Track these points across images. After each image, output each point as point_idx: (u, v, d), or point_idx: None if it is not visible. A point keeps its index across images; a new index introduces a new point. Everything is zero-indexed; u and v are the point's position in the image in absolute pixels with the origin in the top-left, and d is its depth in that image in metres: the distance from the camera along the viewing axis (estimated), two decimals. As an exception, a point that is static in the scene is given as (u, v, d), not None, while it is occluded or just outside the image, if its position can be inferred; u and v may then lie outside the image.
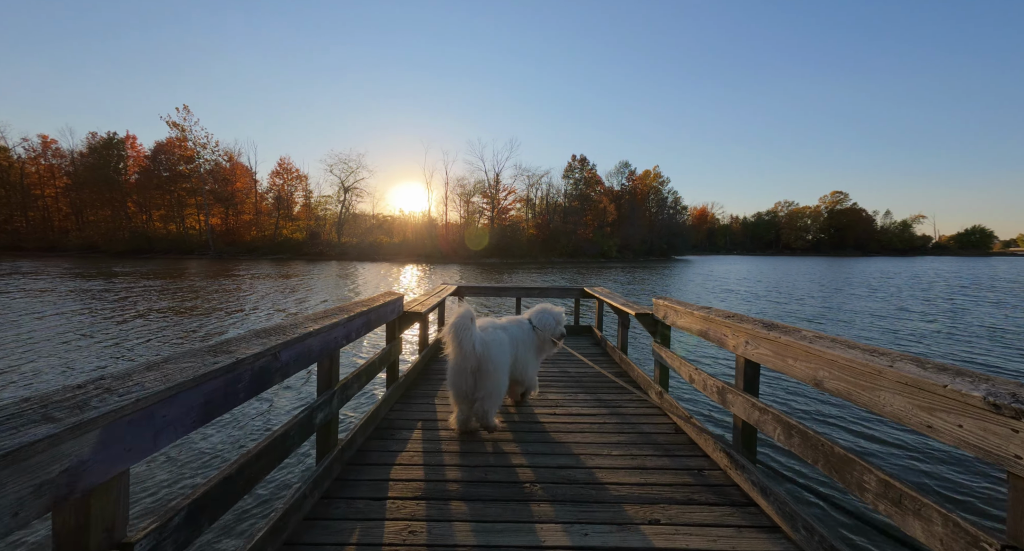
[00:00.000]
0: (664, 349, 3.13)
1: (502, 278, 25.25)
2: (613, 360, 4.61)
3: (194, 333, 8.69)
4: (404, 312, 3.39)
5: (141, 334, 8.40)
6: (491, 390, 2.57)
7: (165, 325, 9.30)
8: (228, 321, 10.07)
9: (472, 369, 2.52)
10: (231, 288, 16.82)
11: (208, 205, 52.26)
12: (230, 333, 8.81)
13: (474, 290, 6.20)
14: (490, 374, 2.54)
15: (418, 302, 3.95)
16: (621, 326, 4.54)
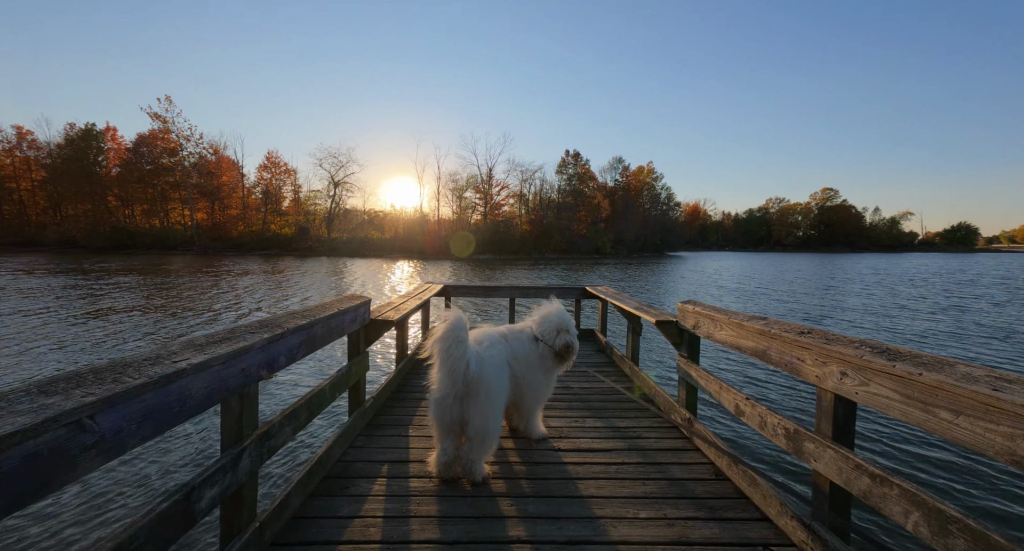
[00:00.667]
0: (694, 367, 2.52)
1: (495, 275, 24.62)
2: (622, 372, 4.00)
3: (150, 336, 7.94)
4: (372, 320, 2.74)
5: (87, 339, 7.63)
6: (480, 428, 1.99)
7: (119, 329, 8.53)
8: (193, 321, 9.32)
9: (459, 395, 1.96)
10: (207, 285, 15.96)
11: (193, 199, 50.74)
12: (197, 333, 8.08)
13: (462, 290, 5.55)
14: (481, 405, 1.98)
15: (392, 306, 3.29)
16: (631, 332, 3.93)
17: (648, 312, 3.16)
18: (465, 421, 1.98)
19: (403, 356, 3.89)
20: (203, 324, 9.00)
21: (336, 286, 17.00)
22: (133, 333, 7.98)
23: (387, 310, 3.09)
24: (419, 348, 4.47)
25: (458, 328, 1.91)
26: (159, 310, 10.48)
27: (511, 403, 2.39)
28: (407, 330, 4.02)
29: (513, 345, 2.37)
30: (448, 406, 1.97)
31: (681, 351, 2.71)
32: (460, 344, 1.89)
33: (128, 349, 6.97)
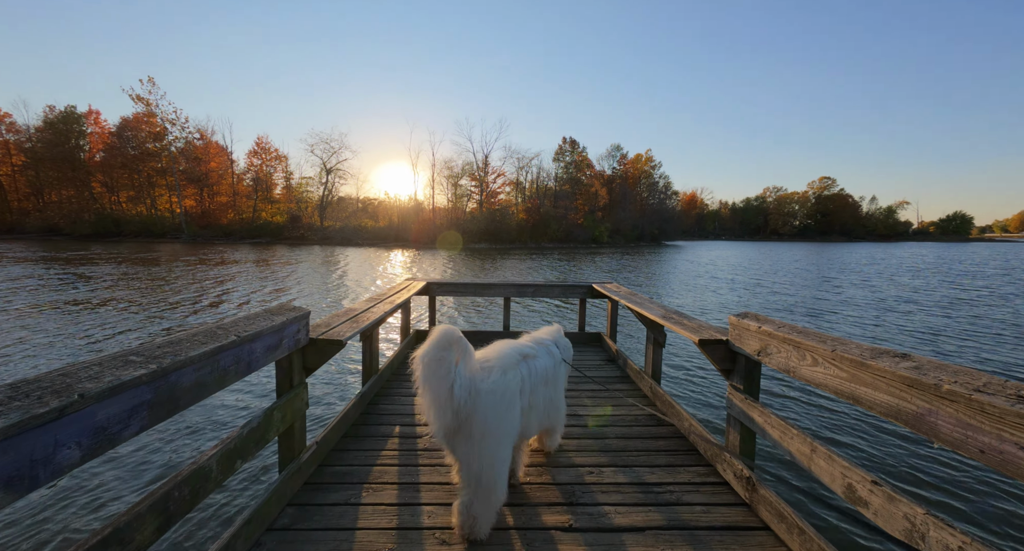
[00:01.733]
0: (756, 407, 1.82)
1: (490, 266, 23.86)
2: (639, 390, 3.32)
3: (110, 338, 7.18)
4: (313, 340, 2.01)
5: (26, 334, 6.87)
6: (477, 475, 1.55)
7: (65, 323, 7.76)
8: (161, 320, 8.54)
9: (448, 431, 1.53)
10: (178, 277, 15.12)
11: (180, 186, 49.29)
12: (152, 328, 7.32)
13: (449, 288, 4.82)
14: (476, 446, 1.54)
15: (350, 316, 2.55)
16: (653, 344, 3.23)
17: (683, 325, 2.44)
18: (459, 463, 1.59)
19: (371, 374, 3.18)
20: (173, 322, 8.23)
21: (325, 277, 16.20)
22: (83, 327, 7.22)
23: (340, 323, 2.36)
24: (395, 363, 3.78)
25: (444, 343, 1.46)
26: (126, 302, 9.69)
27: (543, 430, 2.14)
28: (376, 342, 3.29)
29: (542, 359, 1.92)
30: (441, 443, 1.58)
31: (733, 381, 2.01)
32: (443, 367, 1.45)
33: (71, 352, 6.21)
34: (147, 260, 21.34)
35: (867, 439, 3.81)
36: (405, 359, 4.09)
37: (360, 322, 2.42)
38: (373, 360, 3.18)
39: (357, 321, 2.45)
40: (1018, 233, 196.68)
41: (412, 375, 1.47)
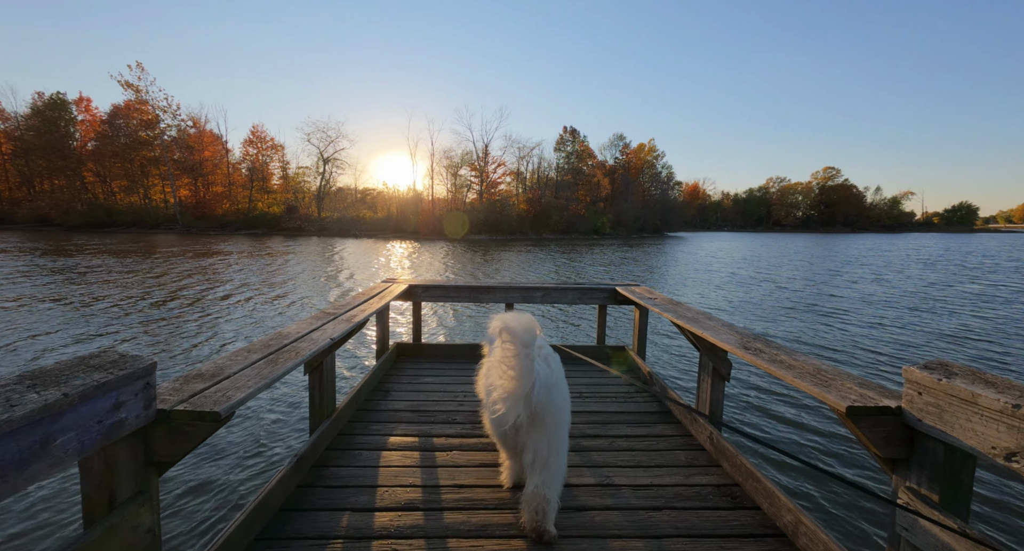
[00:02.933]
0: (964, 541, 0.96)
1: (490, 258, 22.98)
2: (692, 439, 2.45)
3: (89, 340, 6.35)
4: (166, 414, 1.13)
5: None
6: (550, 458, 1.56)
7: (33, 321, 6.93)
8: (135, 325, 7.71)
9: (520, 423, 1.52)
10: (165, 268, 14.26)
11: (173, 175, 48.20)
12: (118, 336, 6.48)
13: (437, 292, 3.95)
14: (548, 431, 1.56)
15: (266, 352, 1.69)
16: (712, 376, 2.36)
17: (793, 368, 1.55)
18: (528, 451, 1.58)
19: (321, 419, 2.33)
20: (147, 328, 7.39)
21: (322, 270, 15.33)
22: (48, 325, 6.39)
23: (239, 369, 1.49)
24: (361, 395, 2.94)
25: (532, 331, 1.49)
26: (104, 299, 8.85)
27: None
28: (328, 374, 2.42)
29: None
30: (505, 432, 1.64)
31: (910, 481, 1.15)
32: (529, 362, 1.46)
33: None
34: (132, 252, 20.46)
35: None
36: (378, 386, 3.25)
37: (281, 363, 1.56)
38: (325, 399, 2.33)
39: (278, 360, 1.59)
40: (1022, 224, 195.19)
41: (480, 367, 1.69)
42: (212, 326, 7.30)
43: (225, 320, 7.76)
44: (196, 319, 7.67)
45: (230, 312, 8.38)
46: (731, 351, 1.94)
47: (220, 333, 6.91)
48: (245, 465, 3.16)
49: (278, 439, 3.55)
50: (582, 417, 2.75)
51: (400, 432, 2.50)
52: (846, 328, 7.79)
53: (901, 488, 1.18)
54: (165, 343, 6.24)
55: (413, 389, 3.25)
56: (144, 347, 6.08)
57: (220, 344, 6.32)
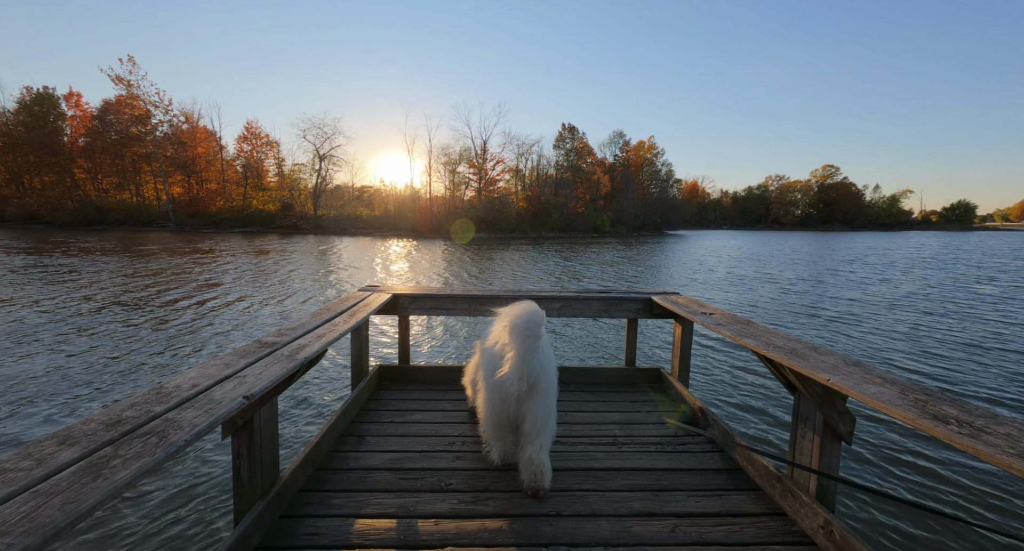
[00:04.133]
0: None
1: (489, 258, 22.29)
2: (784, 517, 1.83)
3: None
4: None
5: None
6: (547, 420, 1.91)
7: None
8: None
9: (523, 394, 1.83)
10: (156, 267, 13.50)
11: (166, 172, 47.29)
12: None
13: (428, 302, 3.27)
14: (542, 400, 1.88)
15: (141, 426, 1.05)
16: (821, 434, 1.69)
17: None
18: (527, 418, 1.88)
19: (253, 499, 1.67)
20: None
21: (316, 270, 14.58)
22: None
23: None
24: (322, 447, 2.26)
25: (539, 319, 1.78)
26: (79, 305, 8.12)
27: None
28: (265, 433, 1.74)
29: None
30: (508, 406, 1.89)
31: None
32: (538, 341, 1.78)
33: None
34: (107, 250, 19.64)
35: None
36: (351, 429, 2.56)
37: (106, 478, 0.88)
38: (258, 471, 1.63)
39: (102, 472, 0.91)
40: (1019, 222, 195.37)
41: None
42: (189, 333, 6.59)
43: (205, 327, 7.05)
44: (171, 324, 6.97)
45: (211, 318, 7.68)
46: (890, 413, 1.24)
47: (194, 342, 6.20)
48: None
49: (187, 537, 2.50)
50: (623, 477, 2.09)
51: (372, 510, 1.83)
52: (884, 343, 7.11)
53: None
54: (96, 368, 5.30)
55: (396, 431, 2.57)
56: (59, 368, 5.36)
57: (188, 353, 5.62)
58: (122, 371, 5.13)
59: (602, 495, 1.99)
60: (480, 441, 2.48)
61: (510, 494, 2.00)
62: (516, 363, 1.75)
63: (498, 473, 2.17)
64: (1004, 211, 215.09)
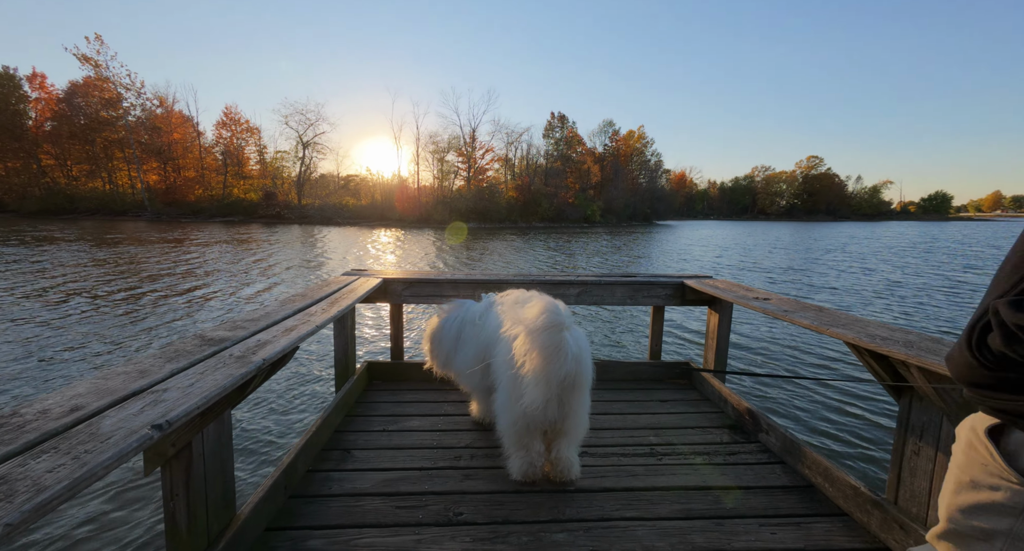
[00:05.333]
0: None
1: (481, 248, 21.77)
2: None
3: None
4: None
5: None
6: (582, 416, 1.75)
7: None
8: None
9: (557, 397, 1.62)
10: (124, 257, 12.65)
11: (140, 159, 45.23)
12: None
13: (426, 289, 2.82)
14: (580, 398, 1.70)
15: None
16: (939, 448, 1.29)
17: None
18: (568, 414, 1.70)
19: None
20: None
21: (301, 260, 13.88)
22: None
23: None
24: (295, 473, 1.76)
25: (561, 313, 1.59)
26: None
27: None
28: (208, 463, 1.29)
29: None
30: (543, 410, 1.63)
31: None
32: (565, 339, 1.57)
33: None
34: (70, 239, 18.55)
35: None
36: (333, 441, 2.12)
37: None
38: (198, 513, 1.18)
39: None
40: (991, 212, 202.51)
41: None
42: (142, 325, 6.00)
43: (166, 321, 6.45)
44: (141, 318, 6.35)
45: (176, 310, 7.07)
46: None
47: (148, 336, 5.63)
48: None
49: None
50: (673, 500, 1.71)
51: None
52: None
53: None
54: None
55: (390, 443, 2.14)
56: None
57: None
58: (46, 367, 4.56)
59: (652, 526, 1.59)
60: (493, 454, 2.06)
61: (538, 527, 1.58)
62: (542, 375, 1.55)
63: (519, 496, 1.76)
64: (977, 202, 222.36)
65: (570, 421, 1.73)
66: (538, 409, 1.60)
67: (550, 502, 1.72)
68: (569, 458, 1.83)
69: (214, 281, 9.92)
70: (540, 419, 1.68)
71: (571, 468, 1.84)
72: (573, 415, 1.72)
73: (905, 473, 1.45)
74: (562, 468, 1.82)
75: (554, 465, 1.83)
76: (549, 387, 1.55)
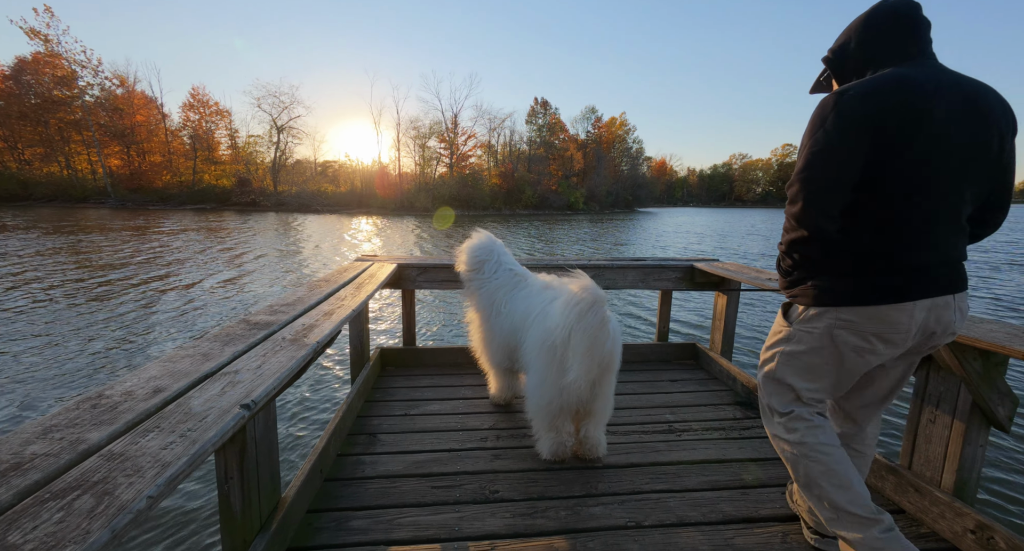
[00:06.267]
0: None
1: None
2: (918, 524, 1.51)
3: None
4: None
5: None
6: (609, 402, 1.83)
7: None
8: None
9: (593, 379, 1.65)
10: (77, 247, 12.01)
11: (100, 142, 42.68)
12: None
13: (440, 275, 2.81)
14: (611, 380, 1.78)
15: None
16: (965, 419, 1.39)
17: None
18: (599, 396, 1.77)
19: (247, 543, 1.22)
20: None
21: (282, 248, 13.49)
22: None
23: None
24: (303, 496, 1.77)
25: (603, 298, 1.58)
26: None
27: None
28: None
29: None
30: (579, 391, 1.67)
31: None
32: (609, 317, 1.61)
33: None
34: (18, 226, 17.51)
35: None
36: (358, 426, 2.14)
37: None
38: (253, 498, 1.20)
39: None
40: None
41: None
42: (109, 319, 5.77)
43: (141, 317, 6.22)
44: (100, 311, 6.09)
45: (149, 303, 6.81)
46: None
47: (128, 333, 5.42)
48: None
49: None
50: (699, 473, 1.82)
51: (407, 533, 1.43)
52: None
53: None
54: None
55: (414, 427, 2.15)
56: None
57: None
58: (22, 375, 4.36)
59: (683, 497, 1.66)
60: (519, 434, 2.10)
61: (574, 502, 1.64)
62: (587, 354, 1.56)
63: (550, 473, 1.81)
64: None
65: (600, 401, 1.78)
66: (582, 388, 1.62)
67: (582, 478, 1.78)
68: (598, 437, 1.90)
69: (181, 271, 9.57)
70: (575, 400, 1.70)
71: (599, 446, 1.91)
72: (603, 396, 1.77)
73: (920, 440, 1.56)
74: (591, 446, 1.89)
75: (583, 444, 1.89)
76: (592, 364, 1.57)
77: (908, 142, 1.06)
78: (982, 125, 1.08)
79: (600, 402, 1.79)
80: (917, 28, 1.14)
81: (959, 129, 1.07)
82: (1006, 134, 1.11)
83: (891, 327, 1.12)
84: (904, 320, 1.11)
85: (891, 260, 1.11)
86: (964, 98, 1.07)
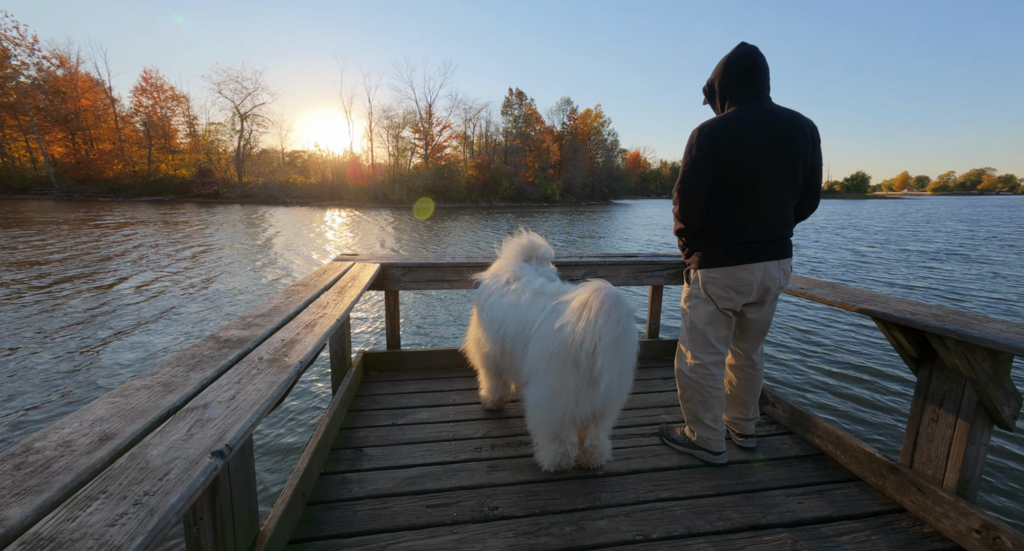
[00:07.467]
0: None
1: (441, 227, 21.26)
2: (921, 523, 1.52)
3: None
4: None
5: None
6: (619, 407, 1.74)
7: None
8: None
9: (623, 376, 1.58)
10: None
11: (39, 127, 39.36)
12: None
13: (427, 274, 2.66)
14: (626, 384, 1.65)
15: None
16: (968, 417, 1.40)
17: None
18: (603, 405, 1.64)
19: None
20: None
21: (250, 244, 12.79)
22: None
23: None
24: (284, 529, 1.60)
25: (625, 300, 1.47)
26: None
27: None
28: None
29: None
30: (588, 400, 1.59)
31: None
32: (632, 317, 1.49)
33: None
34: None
35: None
36: (342, 439, 2.01)
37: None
38: (225, 536, 1.04)
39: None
40: (901, 191, 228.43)
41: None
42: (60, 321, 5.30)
43: (95, 326, 5.75)
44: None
45: (102, 308, 6.31)
46: None
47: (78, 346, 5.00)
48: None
49: None
50: (702, 477, 1.79)
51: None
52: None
53: None
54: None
55: (402, 437, 2.03)
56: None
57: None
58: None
59: (689, 505, 1.61)
60: (514, 441, 2.01)
61: (578, 515, 1.56)
62: (615, 355, 1.48)
63: (551, 485, 1.73)
64: (889, 182, 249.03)
65: (610, 408, 1.69)
66: (611, 394, 1.55)
67: (584, 489, 1.70)
68: (604, 444, 1.82)
69: (164, 272, 8.94)
70: (589, 413, 1.61)
71: (605, 454, 1.83)
72: (612, 403, 1.67)
73: (922, 439, 1.56)
74: (597, 455, 1.81)
75: (588, 453, 1.81)
76: (622, 365, 1.49)
77: (736, 164, 1.60)
78: (788, 149, 1.60)
79: (610, 408, 1.69)
80: (755, 75, 1.64)
81: (771, 153, 1.59)
82: (814, 146, 1.65)
83: (740, 282, 1.68)
84: (747, 276, 1.67)
85: (739, 238, 1.67)
86: (777, 129, 1.59)
